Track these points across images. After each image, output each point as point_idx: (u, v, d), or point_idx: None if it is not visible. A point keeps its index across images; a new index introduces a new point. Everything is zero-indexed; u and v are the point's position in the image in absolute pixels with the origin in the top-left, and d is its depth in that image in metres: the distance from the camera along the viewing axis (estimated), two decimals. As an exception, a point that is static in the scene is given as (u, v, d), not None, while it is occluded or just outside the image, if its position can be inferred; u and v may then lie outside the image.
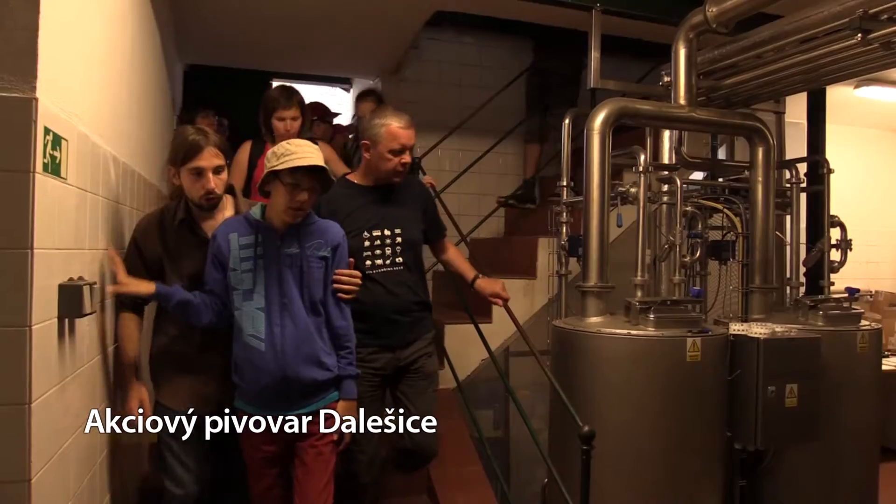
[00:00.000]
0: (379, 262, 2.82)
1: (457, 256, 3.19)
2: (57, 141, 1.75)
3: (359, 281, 2.49)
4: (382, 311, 2.81)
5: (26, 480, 1.59)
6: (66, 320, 1.86)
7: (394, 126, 2.83)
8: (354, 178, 2.95)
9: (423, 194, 3.07)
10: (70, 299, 1.82)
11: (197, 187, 2.41)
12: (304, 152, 2.31)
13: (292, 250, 2.36)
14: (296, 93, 3.58)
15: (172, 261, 2.47)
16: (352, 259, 2.54)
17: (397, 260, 2.85)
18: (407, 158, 2.85)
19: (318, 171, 2.31)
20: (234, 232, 2.38)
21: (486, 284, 3.09)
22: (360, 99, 4.76)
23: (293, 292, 2.34)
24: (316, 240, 2.41)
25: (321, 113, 5.17)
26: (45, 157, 1.67)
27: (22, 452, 1.59)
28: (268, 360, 2.31)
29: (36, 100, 1.61)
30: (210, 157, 2.40)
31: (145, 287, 2.32)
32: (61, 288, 1.81)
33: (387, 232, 2.83)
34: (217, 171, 2.42)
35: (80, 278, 1.92)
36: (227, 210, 2.53)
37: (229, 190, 2.60)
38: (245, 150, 3.59)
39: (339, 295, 2.45)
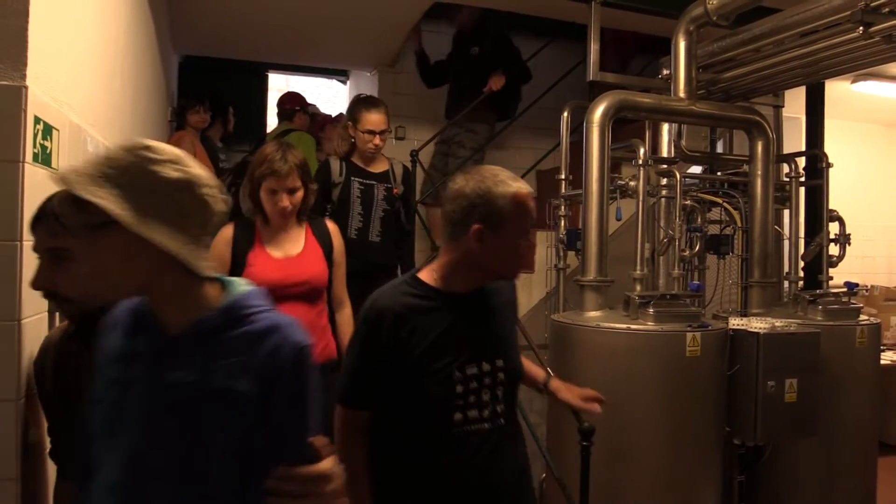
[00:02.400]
0: (474, 414, 1.75)
1: (529, 364, 2.10)
2: (48, 130, 1.72)
3: (318, 491, 1.14)
4: (477, 498, 1.78)
5: (15, 479, 1.56)
6: (58, 315, 1.83)
7: (523, 192, 1.74)
8: (429, 278, 1.82)
9: (512, 290, 1.99)
10: (61, 292, 1.78)
11: None
12: None
13: (184, 375, 1.15)
14: (292, 150, 2.57)
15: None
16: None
17: (498, 409, 1.79)
18: (535, 240, 2.09)
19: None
20: (119, 328, 1.24)
21: (568, 393, 2.11)
22: (368, 107, 3.52)
23: (172, 460, 1.14)
24: (233, 358, 1.15)
25: (301, 103, 5.15)
26: (34, 146, 1.63)
27: (11, 449, 1.56)
28: None
29: (26, 88, 1.58)
30: None
31: None
32: (52, 281, 1.77)
33: (486, 366, 1.78)
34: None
35: (72, 271, 1.89)
36: None
37: None
38: (225, 237, 2.52)
39: None
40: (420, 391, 1.74)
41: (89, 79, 2.29)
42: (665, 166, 3.65)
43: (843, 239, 3.93)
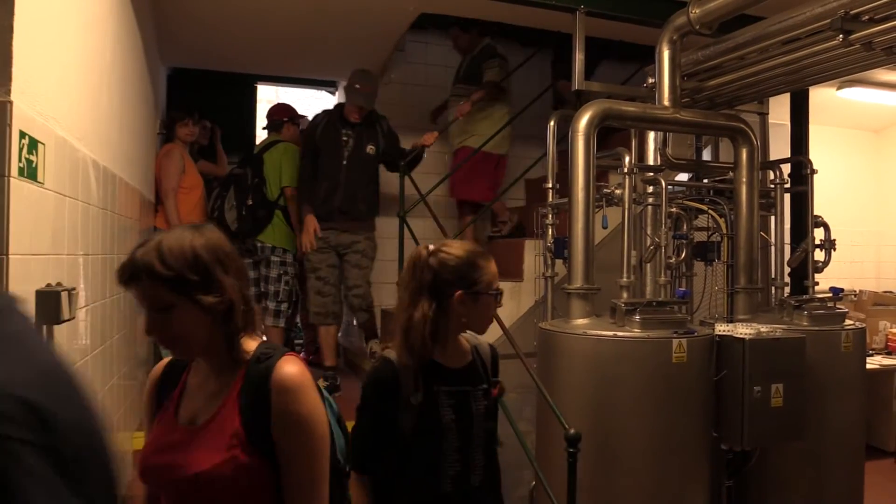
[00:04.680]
0: None
1: None
2: (33, 145, 1.73)
3: None
4: None
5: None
6: (44, 327, 1.83)
7: None
8: None
9: None
10: (47, 306, 1.79)
11: None
12: None
13: None
14: (152, 243, 1.45)
15: None
16: None
17: None
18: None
19: None
20: None
21: None
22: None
23: None
24: None
25: (289, 115, 5.18)
26: (20, 161, 1.64)
27: None
28: None
29: (10, 103, 1.59)
30: None
31: None
32: (38, 294, 1.78)
33: None
34: None
35: (59, 284, 1.90)
36: None
37: None
38: (153, 377, 1.65)
39: None
40: None
41: (76, 92, 2.30)
42: (651, 174, 3.67)
43: (829, 244, 3.96)
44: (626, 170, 3.30)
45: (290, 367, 1.47)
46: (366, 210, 4.64)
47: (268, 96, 7.21)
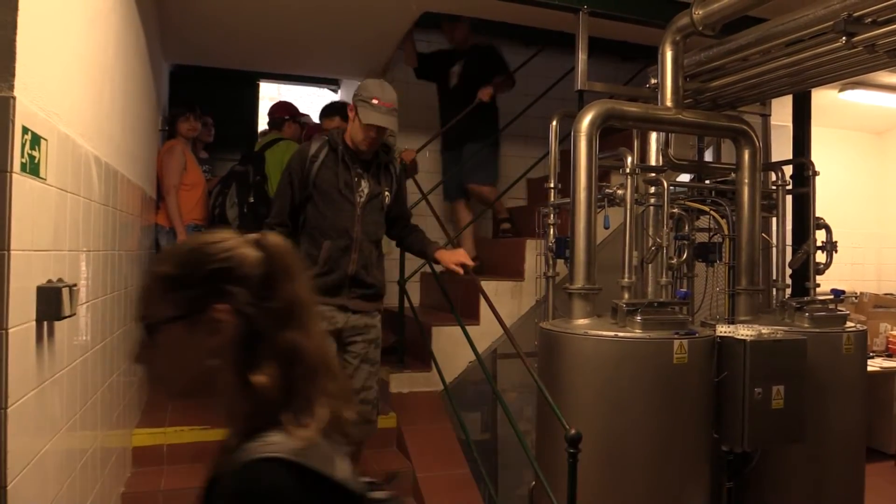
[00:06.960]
0: None
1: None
2: (36, 140, 1.73)
3: None
4: None
5: (2, 487, 1.56)
6: (45, 323, 1.83)
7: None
8: None
9: None
10: (48, 302, 1.79)
11: None
12: None
13: None
14: None
15: None
16: None
17: None
18: None
19: None
20: None
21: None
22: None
23: None
24: None
25: (291, 113, 5.19)
26: (23, 156, 1.64)
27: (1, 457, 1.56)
28: None
29: (13, 98, 1.59)
30: None
31: None
32: (39, 290, 1.78)
33: None
34: None
35: (60, 280, 1.90)
36: None
37: None
38: None
39: None
40: None
41: (78, 89, 2.29)
42: (653, 175, 3.67)
43: (830, 246, 3.96)
44: (628, 170, 3.30)
45: None
46: (381, 278, 3.49)
47: (270, 94, 7.20)
